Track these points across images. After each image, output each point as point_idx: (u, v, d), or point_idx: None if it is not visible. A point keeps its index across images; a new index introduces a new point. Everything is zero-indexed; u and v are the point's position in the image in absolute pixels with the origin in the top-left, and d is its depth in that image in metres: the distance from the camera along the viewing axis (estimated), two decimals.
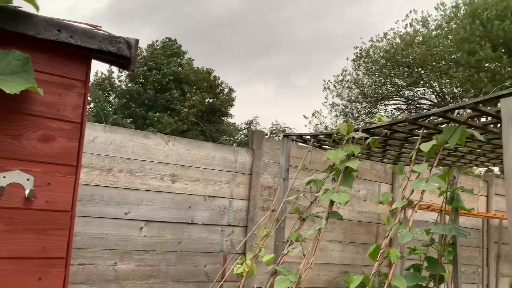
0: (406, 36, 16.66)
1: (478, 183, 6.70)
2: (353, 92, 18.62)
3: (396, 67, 16.87)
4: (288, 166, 3.83)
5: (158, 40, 22.31)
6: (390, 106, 19.08)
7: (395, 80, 17.62)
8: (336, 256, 5.18)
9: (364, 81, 18.23)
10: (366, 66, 17.89)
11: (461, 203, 3.95)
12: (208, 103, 21.71)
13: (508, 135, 2.13)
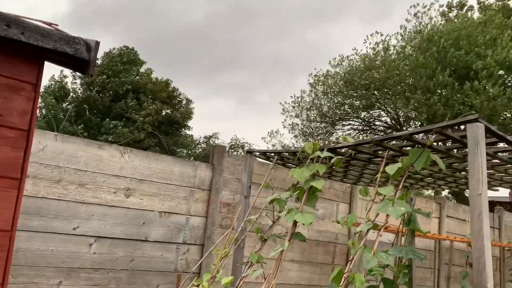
0: (365, 58, 17.17)
1: (431, 205, 6.87)
2: (311, 113, 18.93)
3: (354, 89, 17.31)
4: (250, 183, 3.72)
5: (115, 48, 21.81)
6: (346, 127, 19.51)
7: (352, 102, 18.06)
8: (293, 276, 5.09)
9: (322, 102, 18.59)
10: (324, 88, 18.27)
11: (418, 225, 4.00)
12: (165, 114, 21.32)
13: (473, 160, 2.14)
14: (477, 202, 2.08)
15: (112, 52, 21.51)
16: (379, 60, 16.85)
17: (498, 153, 2.81)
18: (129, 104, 19.22)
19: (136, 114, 18.85)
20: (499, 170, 3.30)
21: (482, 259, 2.01)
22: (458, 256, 7.01)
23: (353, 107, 18.25)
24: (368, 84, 16.60)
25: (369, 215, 2.49)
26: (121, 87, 19.68)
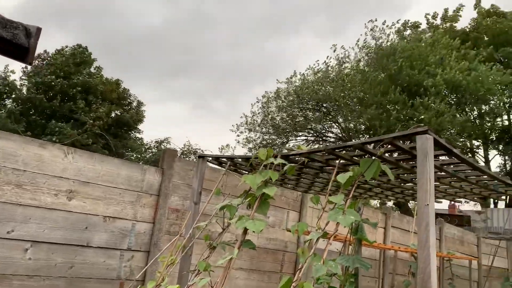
0: (320, 73, 17.58)
1: (378, 215, 7.05)
2: (266, 126, 19.18)
3: (306, 103, 17.68)
4: (201, 188, 3.63)
5: (68, 46, 20.94)
6: (299, 138, 19.84)
7: (305, 114, 18.42)
8: (241, 285, 5.02)
9: (275, 116, 18.90)
10: (277, 103, 18.59)
11: (365, 235, 4.06)
12: (115, 116, 20.68)
13: (422, 171, 2.18)
14: (425, 213, 2.11)
15: (64, 50, 20.66)
16: (332, 74, 17.30)
17: (444, 166, 2.91)
18: (79, 105, 18.49)
19: (86, 116, 18.16)
20: (444, 183, 3.42)
21: (428, 269, 2.04)
22: (402, 265, 7.23)
23: (306, 119, 18.61)
24: (320, 98, 16.99)
25: (319, 223, 2.48)
26: (71, 89, 18.91)
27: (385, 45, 16.68)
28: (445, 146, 2.37)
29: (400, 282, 6.99)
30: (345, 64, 17.82)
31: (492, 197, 4.09)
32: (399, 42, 16.82)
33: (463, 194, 3.88)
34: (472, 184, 3.34)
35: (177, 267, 3.35)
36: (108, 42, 41.32)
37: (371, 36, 17.54)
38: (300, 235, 5.55)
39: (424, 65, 15.03)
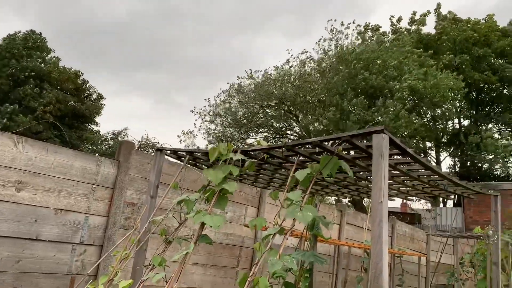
0: (282, 72, 17.70)
1: (333, 212, 7.20)
2: (226, 119, 19.07)
3: (268, 100, 17.76)
4: (158, 182, 3.56)
5: (21, 31, 19.98)
6: (259, 135, 19.91)
7: (266, 111, 18.50)
8: (197, 280, 4.99)
9: (237, 110, 18.83)
10: (239, 98, 18.53)
11: (320, 231, 4.13)
12: (71, 106, 19.96)
13: (377, 169, 2.23)
14: (378, 210, 2.17)
15: (16, 34, 19.71)
16: (293, 74, 17.47)
17: (398, 165, 3.00)
18: (26, 91, 17.67)
19: (35, 102, 17.37)
20: (397, 181, 3.53)
21: (380, 264, 2.09)
22: (355, 261, 7.43)
23: (266, 116, 18.69)
24: (282, 97, 17.12)
25: (276, 219, 2.49)
26: (22, 72, 18.05)
27: (345, 46, 17.01)
28: (400, 146, 2.44)
29: (353, 277, 7.19)
30: (306, 64, 18.05)
31: (442, 196, 4.27)
32: (359, 44, 17.20)
33: (415, 192, 4.03)
34: (424, 183, 3.47)
35: (131, 262, 3.27)
36: (70, 31, 39.81)
37: (331, 38, 17.85)
38: (258, 230, 5.59)
39: (383, 69, 15.46)
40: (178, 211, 2.95)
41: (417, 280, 8.50)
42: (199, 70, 48.96)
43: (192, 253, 4.89)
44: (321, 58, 17.68)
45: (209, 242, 2.63)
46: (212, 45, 47.89)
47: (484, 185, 15.25)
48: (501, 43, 20.06)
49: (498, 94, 21.13)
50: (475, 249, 8.50)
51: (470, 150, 20.05)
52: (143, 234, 3.19)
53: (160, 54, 49.70)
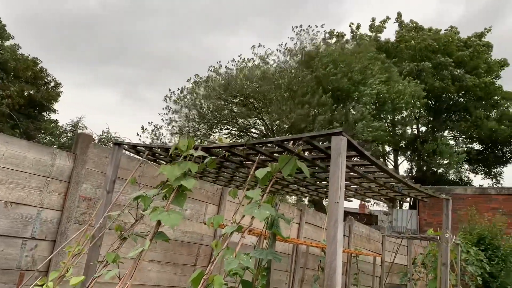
0: (247, 68, 17.69)
1: (293, 211, 7.28)
2: (191, 112, 18.83)
3: (233, 96, 17.70)
4: (115, 177, 3.47)
5: None
6: (224, 131, 19.82)
7: (231, 107, 18.44)
8: (153, 277, 4.92)
9: (202, 103, 18.62)
10: (206, 91, 18.35)
11: (279, 230, 4.17)
12: (28, 95, 19.18)
13: (334, 170, 2.27)
14: (334, 210, 2.21)
15: None
16: (259, 72, 17.50)
17: (356, 167, 3.06)
18: None
19: None
20: (354, 183, 3.61)
21: (334, 264, 2.13)
22: (312, 260, 7.54)
23: (231, 112, 18.63)
24: (247, 93, 17.12)
25: (235, 217, 2.49)
26: None
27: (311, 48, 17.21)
28: (357, 148, 2.50)
29: (310, 276, 7.30)
30: (271, 63, 18.13)
31: (397, 198, 4.40)
32: (325, 48, 17.46)
33: (371, 194, 4.13)
34: (380, 185, 3.56)
35: (84, 258, 3.18)
36: (37, 20, 38.16)
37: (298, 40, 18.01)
38: (216, 228, 5.56)
39: (349, 72, 15.78)
40: (135, 207, 2.89)
41: (372, 280, 8.73)
42: (169, 65, 48.29)
43: (149, 250, 4.81)
44: (287, 59, 17.82)
45: (166, 239, 2.59)
46: (183, 41, 47.29)
47: (437, 189, 15.88)
48: (460, 54, 20.94)
49: (455, 102, 22.06)
50: (427, 251, 8.83)
51: (426, 155, 20.82)
52: (98, 230, 3.10)
53: (130, 48, 48.62)
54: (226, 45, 45.66)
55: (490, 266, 10.34)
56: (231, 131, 19.90)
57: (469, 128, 21.26)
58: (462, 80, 20.07)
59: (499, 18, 46.71)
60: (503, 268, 10.55)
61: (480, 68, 20.94)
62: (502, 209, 13.57)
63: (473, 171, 24.03)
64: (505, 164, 23.09)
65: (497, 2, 46.28)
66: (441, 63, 20.06)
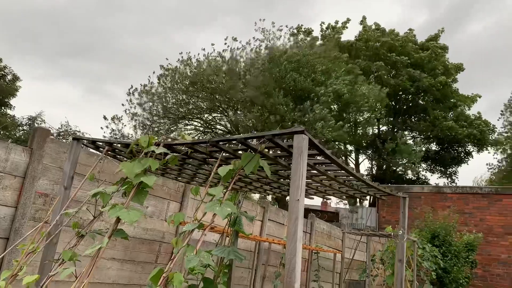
0: (214, 63, 17.55)
1: (257, 208, 7.31)
2: (155, 106, 18.48)
3: (200, 90, 17.53)
4: (73, 173, 3.38)
5: None
6: (189, 126, 19.61)
7: (198, 102, 18.25)
8: (112, 275, 4.82)
9: (168, 97, 18.31)
10: (171, 84, 18.06)
11: (242, 227, 4.18)
12: None
13: (296, 168, 2.31)
14: (295, 207, 2.24)
15: None
16: (225, 68, 17.42)
17: (317, 165, 3.12)
18: None
19: None
20: (316, 180, 3.67)
21: (294, 260, 2.16)
22: (275, 257, 7.61)
23: (197, 108, 18.45)
24: (214, 88, 17.01)
25: (196, 215, 2.48)
26: None
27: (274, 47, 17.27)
28: (318, 147, 2.54)
29: (271, 273, 7.36)
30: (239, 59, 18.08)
31: (357, 196, 4.51)
32: (291, 46, 17.57)
33: (332, 192, 4.22)
34: (340, 183, 3.64)
35: (39, 256, 3.08)
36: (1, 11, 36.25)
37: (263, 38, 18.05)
38: (177, 226, 5.51)
39: (311, 73, 15.97)
40: (94, 204, 2.82)
41: (332, 276, 8.90)
42: (137, 62, 47.23)
43: (109, 248, 4.72)
44: (252, 57, 17.81)
45: (125, 237, 2.55)
46: (153, 38, 46.32)
47: (396, 187, 16.31)
48: (418, 56, 21.68)
49: (414, 104, 22.80)
50: (385, 247, 9.10)
51: (386, 155, 21.43)
52: (54, 227, 3.01)
53: (98, 43, 47.14)
54: (196, 42, 45.23)
55: (444, 262, 10.78)
56: (197, 126, 19.72)
57: (428, 128, 22.04)
58: (419, 80, 20.76)
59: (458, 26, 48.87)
60: (455, 264, 11.02)
61: (437, 70, 21.75)
62: (455, 207, 14.17)
63: (430, 170, 24.94)
64: (460, 164, 24.10)
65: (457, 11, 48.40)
66: (399, 62, 20.70)
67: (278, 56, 16.22)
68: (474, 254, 11.70)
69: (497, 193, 14.35)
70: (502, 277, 13.38)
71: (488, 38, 52.26)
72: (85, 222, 4.07)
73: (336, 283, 9.20)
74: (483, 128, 21.76)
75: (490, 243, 13.69)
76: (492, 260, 13.60)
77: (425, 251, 9.58)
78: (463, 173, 30.28)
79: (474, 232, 12.39)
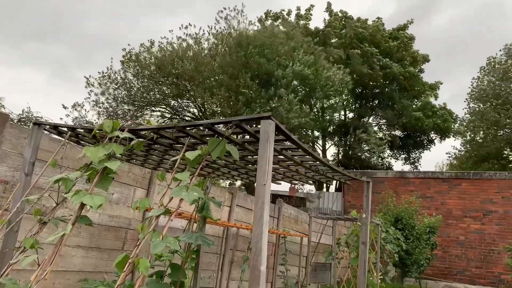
0: (178, 48, 17.25)
1: (225, 194, 7.33)
2: (119, 93, 18.06)
3: (165, 76, 17.23)
4: (34, 159, 3.28)
5: None
6: (156, 113, 19.30)
7: (163, 88, 17.94)
8: (77, 263, 4.74)
9: (132, 83, 17.92)
10: (135, 70, 17.67)
11: (210, 213, 4.19)
12: None
13: (262, 153, 2.32)
14: (261, 192, 2.26)
15: None
16: (191, 53, 17.17)
17: (284, 150, 3.15)
18: None
19: None
20: (283, 166, 3.71)
21: (259, 244, 2.19)
22: (243, 242, 7.68)
23: (163, 94, 18.15)
24: (179, 74, 16.76)
25: (162, 200, 2.46)
26: None
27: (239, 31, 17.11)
28: (285, 132, 2.56)
29: (239, 257, 7.44)
30: (202, 44, 17.84)
31: (322, 181, 4.59)
32: (255, 30, 17.47)
33: (299, 177, 4.28)
34: (307, 168, 3.69)
35: None
36: None
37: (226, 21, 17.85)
38: (142, 212, 5.46)
39: (275, 56, 15.97)
40: (57, 191, 2.75)
41: (299, 260, 9.08)
42: (103, 46, 45.65)
43: (74, 236, 4.64)
44: (218, 42, 17.61)
45: (89, 223, 2.50)
46: (120, 22, 44.80)
47: (362, 172, 16.72)
48: (387, 45, 22.08)
49: (381, 91, 23.29)
50: (350, 231, 9.34)
51: (352, 141, 21.86)
52: (15, 214, 2.92)
53: (61, 25, 45.20)
54: (164, 27, 44.21)
55: (406, 244, 11.19)
56: (164, 113, 19.44)
57: (394, 116, 22.59)
58: (388, 68, 21.16)
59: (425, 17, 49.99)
60: (417, 246, 11.47)
61: (405, 60, 22.25)
62: (417, 192, 14.67)
63: (394, 156, 25.66)
64: (423, 150, 24.91)
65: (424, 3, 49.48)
66: (368, 51, 21.00)
67: (244, 40, 16.12)
68: (434, 236, 12.20)
69: (456, 178, 14.95)
70: (459, 257, 14.03)
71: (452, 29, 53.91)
72: (48, 210, 3.97)
73: (302, 266, 9.39)
74: (447, 117, 22.55)
75: (450, 226, 14.30)
76: (451, 241, 14.23)
77: (389, 234, 9.91)
78: (426, 159, 31.32)
79: (434, 215, 12.90)
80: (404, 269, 11.77)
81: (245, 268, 6.86)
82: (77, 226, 4.43)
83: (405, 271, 11.76)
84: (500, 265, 13.15)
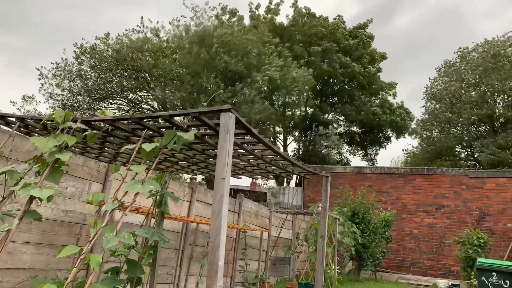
0: (137, 41, 16.85)
1: (184, 189, 7.23)
2: (75, 85, 17.44)
3: (123, 68, 16.80)
4: None
5: None
6: (113, 105, 18.79)
7: (121, 81, 17.48)
8: (27, 260, 4.53)
9: (89, 76, 17.35)
10: (92, 62, 17.11)
11: (167, 208, 4.11)
12: None
13: (222, 146, 2.28)
14: (221, 186, 2.23)
15: None
16: (150, 45, 16.81)
17: (244, 144, 3.12)
18: None
19: None
20: (243, 160, 3.68)
21: (218, 239, 2.16)
22: (202, 237, 7.61)
23: (121, 86, 17.69)
24: (138, 66, 16.38)
25: (117, 194, 2.37)
26: None
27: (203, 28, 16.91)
28: (245, 125, 2.53)
29: (199, 253, 7.36)
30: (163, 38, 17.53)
31: (282, 175, 4.61)
32: (217, 26, 17.31)
33: (259, 171, 4.27)
34: (267, 162, 3.68)
35: None
36: None
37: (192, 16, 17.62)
38: (94, 206, 5.28)
39: (243, 56, 15.92)
40: (4, 184, 2.60)
41: (259, 254, 9.11)
42: (64, 37, 43.75)
43: (23, 231, 4.42)
44: (182, 35, 17.34)
45: (38, 218, 2.38)
46: (82, 13, 43.04)
47: (321, 167, 16.91)
48: (347, 42, 22.51)
49: (341, 88, 23.74)
50: (309, 225, 9.47)
51: (312, 137, 22.18)
52: None
53: (17, 14, 42.87)
54: (128, 20, 42.96)
55: (363, 238, 11.48)
56: (121, 106, 18.95)
57: (352, 113, 23.09)
58: (348, 67, 21.59)
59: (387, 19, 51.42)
60: (373, 239, 11.79)
61: (364, 58, 22.76)
62: (374, 186, 15.07)
63: (351, 152, 26.27)
64: (380, 147, 25.63)
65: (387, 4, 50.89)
66: (327, 48, 21.34)
67: (207, 36, 15.94)
68: (389, 230, 12.59)
69: (411, 173, 15.48)
70: (413, 250, 14.56)
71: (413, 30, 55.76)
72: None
73: (262, 261, 9.44)
74: (404, 116, 23.33)
75: (404, 220, 14.80)
76: (406, 235, 14.73)
77: (346, 227, 10.11)
78: (382, 156, 32.33)
79: (389, 209, 13.30)
80: (360, 262, 12.08)
81: (204, 263, 6.80)
82: (27, 221, 4.24)
83: (362, 264, 12.07)
84: (450, 257, 13.75)
